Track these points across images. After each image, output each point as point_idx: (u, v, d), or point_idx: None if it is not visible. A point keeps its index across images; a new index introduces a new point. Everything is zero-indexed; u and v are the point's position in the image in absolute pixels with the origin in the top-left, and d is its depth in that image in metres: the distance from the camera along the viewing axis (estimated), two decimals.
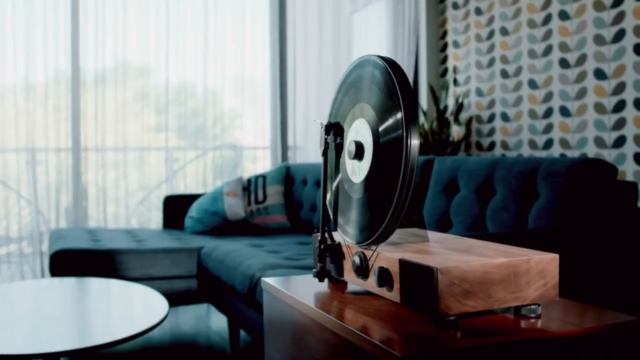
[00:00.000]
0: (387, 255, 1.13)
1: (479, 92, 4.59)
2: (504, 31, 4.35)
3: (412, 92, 1.10)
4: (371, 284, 1.19)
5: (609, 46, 3.55)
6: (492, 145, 4.44)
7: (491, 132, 4.45)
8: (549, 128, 3.95)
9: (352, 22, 5.20)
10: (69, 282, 2.89)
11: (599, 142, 3.59)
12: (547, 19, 3.97)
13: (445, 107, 4.90)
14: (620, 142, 3.47)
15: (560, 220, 2.08)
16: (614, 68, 3.51)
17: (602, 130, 3.58)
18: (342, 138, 1.31)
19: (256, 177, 4.17)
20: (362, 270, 1.20)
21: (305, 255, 2.95)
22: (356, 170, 1.23)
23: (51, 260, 3.15)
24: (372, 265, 1.18)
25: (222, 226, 3.95)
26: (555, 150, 3.89)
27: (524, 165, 2.32)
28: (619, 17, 3.48)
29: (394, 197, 1.10)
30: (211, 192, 4.07)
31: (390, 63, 1.15)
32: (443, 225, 2.64)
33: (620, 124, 3.47)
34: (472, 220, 2.47)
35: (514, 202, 2.29)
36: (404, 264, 1.07)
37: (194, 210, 4.02)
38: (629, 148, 3.42)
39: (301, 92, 5.00)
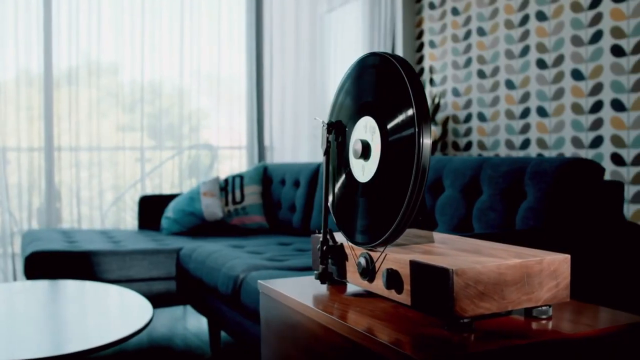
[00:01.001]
0: (396, 256, 1.11)
1: (456, 92, 4.60)
2: (481, 31, 4.36)
3: (422, 90, 1.08)
4: (378, 286, 1.17)
5: (586, 47, 3.58)
6: (468, 145, 4.46)
7: (468, 132, 4.47)
8: (526, 128, 3.97)
9: (329, 20, 5.18)
10: (45, 285, 2.82)
11: (577, 142, 3.62)
12: (525, 20, 3.99)
13: None
14: (597, 142, 3.51)
15: (548, 220, 2.08)
16: (592, 69, 3.54)
17: (579, 130, 3.61)
18: (344, 137, 1.28)
19: (233, 177, 4.12)
20: (369, 272, 1.18)
21: (288, 256, 2.92)
22: (362, 170, 1.20)
23: (26, 262, 3.07)
24: (379, 267, 1.15)
25: (199, 227, 3.90)
26: (533, 151, 3.91)
27: (510, 165, 2.32)
28: (597, 19, 3.51)
29: (403, 197, 1.08)
30: (188, 193, 4.01)
31: (399, 60, 1.13)
32: (428, 225, 2.63)
33: (597, 124, 3.51)
34: (458, 220, 2.46)
35: (501, 202, 2.29)
36: (415, 266, 1.05)
37: (170, 211, 3.96)
38: (606, 148, 3.46)
39: (277, 91, 4.96)
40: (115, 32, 4.57)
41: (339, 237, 1.34)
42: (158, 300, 3.23)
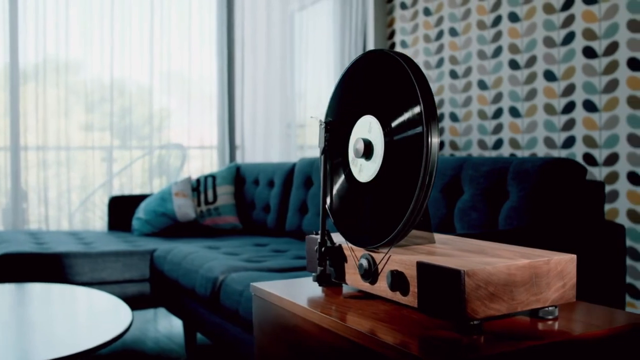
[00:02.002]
0: (401, 258, 1.09)
1: None
2: (453, 32, 4.38)
3: (429, 87, 1.06)
4: (380, 287, 1.15)
5: (558, 48, 3.62)
6: (440, 145, 4.47)
7: (440, 132, 4.48)
8: (498, 128, 4.00)
9: (300, 19, 5.15)
10: (15, 288, 2.73)
11: (549, 143, 3.66)
12: (497, 21, 4.02)
13: None
14: (569, 142, 3.54)
15: (531, 220, 2.09)
16: (564, 70, 3.58)
17: (551, 130, 3.65)
18: (343, 136, 1.26)
19: (205, 177, 4.07)
20: (371, 274, 1.16)
21: (266, 257, 2.88)
22: (363, 170, 1.18)
23: None
24: (382, 269, 1.13)
25: (171, 227, 3.84)
26: (505, 151, 3.94)
27: (492, 164, 2.32)
28: (569, 20, 3.55)
29: (408, 198, 1.06)
30: (159, 193, 3.94)
31: (403, 57, 1.11)
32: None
33: (569, 124, 3.55)
34: (439, 220, 2.46)
35: (483, 202, 2.29)
36: (423, 267, 1.03)
37: (141, 212, 3.88)
38: (579, 148, 3.50)
39: (249, 91, 4.91)
40: (83, 30, 4.47)
41: (336, 238, 1.31)
42: (132, 303, 3.17)
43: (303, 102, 5.08)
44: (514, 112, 3.88)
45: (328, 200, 1.30)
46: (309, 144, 5.12)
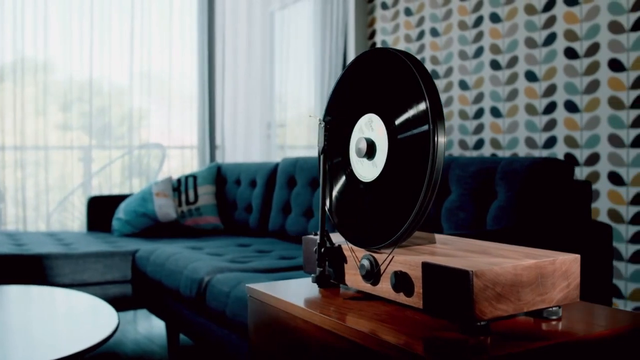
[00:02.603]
0: (405, 258, 1.08)
1: None
2: (435, 32, 4.39)
3: (434, 85, 1.05)
4: (382, 288, 1.13)
5: (540, 49, 3.64)
6: None
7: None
8: (479, 128, 4.02)
9: (281, 18, 5.13)
10: None
11: (530, 143, 3.68)
12: (479, 21, 4.04)
13: None
14: (550, 142, 3.57)
15: (520, 220, 2.09)
16: (545, 70, 3.61)
17: (533, 131, 3.67)
18: (343, 135, 1.24)
19: (186, 177, 4.03)
20: (373, 275, 1.14)
21: (250, 258, 2.86)
22: (366, 169, 1.17)
23: None
24: (385, 270, 1.12)
25: (152, 228, 3.79)
26: (486, 151, 3.96)
27: (480, 164, 2.32)
28: (550, 21, 3.57)
29: (413, 197, 1.05)
30: (139, 193, 3.89)
31: (407, 55, 1.10)
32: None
33: (550, 125, 3.57)
34: (426, 220, 2.45)
35: (471, 202, 2.29)
36: (429, 268, 1.02)
37: (121, 212, 3.83)
38: (560, 148, 3.52)
39: (229, 91, 4.88)
40: (62, 29, 4.40)
41: (335, 238, 1.30)
42: (114, 305, 3.11)
43: (284, 102, 5.06)
44: (495, 113, 3.90)
45: (327, 200, 1.29)
46: (290, 144, 5.10)
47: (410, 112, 1.07)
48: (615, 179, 3.25)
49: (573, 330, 1.00)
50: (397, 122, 1.09)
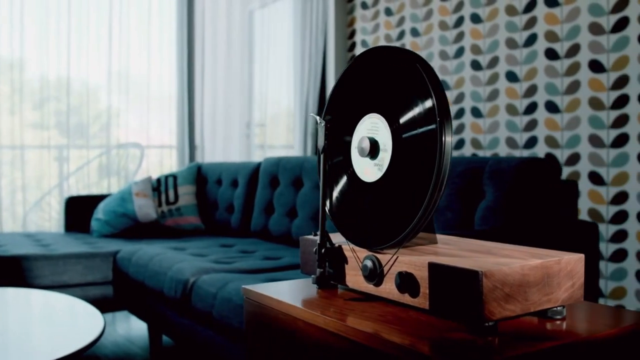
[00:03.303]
0: (410, 259, 1.07)
1: None
2: (415, 32, 4.40)
3: (440, 84, 1.04)
4: (385, 289, 1.12)
5: (521, 50, 3.66)
6: None
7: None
8: (460, 128, 4.03)
9: (261, 17, 5.09)
10: None
11: (511, 143, 3.70)
12: (459, 22, 4.05)
13: None
14: (531, 142, 3.60)
15: (508, 219, 2.10)
16: (526, 71, 3.63)
17: (513, 131, 3.70)
18: (344, 135, 1.23)
19: (166, 177, 3.98)
20: (376, 275, 1.13)
21: (234, 258, 2.83)
22: (368, 169, 1.16)
23: None
24: (389, 270, 1.11)
25: (132, 228, 3.74)
26: (467, 151, 3.98)
27: (467, 164, 2.33)
28: (531, 22, 3.60)
29: (418, 197, 1.04)
30: (119, 193, 3.84)
31: (411, 53, 1.09)
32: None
33: (531, 125, 3.60)
34: None
35: (458, 202, 2.29)
36: (436, 268, 1.01)
37: (100, 212, 3.78)
38: (540, 148, 3.55)
39: (209, 90, 4.83)
40: (39, 28, 4.32)
41: (335, 238, 1.29)
42: (95, 306, 3.07)
43: (263, 101, 5.04)
44: (476, 113, 3.92)
45: (327, 200, 1.27)
46: (269, 144, 5.07)
47: (415, 111, 1.06)
48: (595, 178, 3.28)
49: (580, 330, 1.00)
50: (402, 120, 1.08)
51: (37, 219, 4.36)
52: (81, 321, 2.12)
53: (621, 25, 3.17)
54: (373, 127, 1.15)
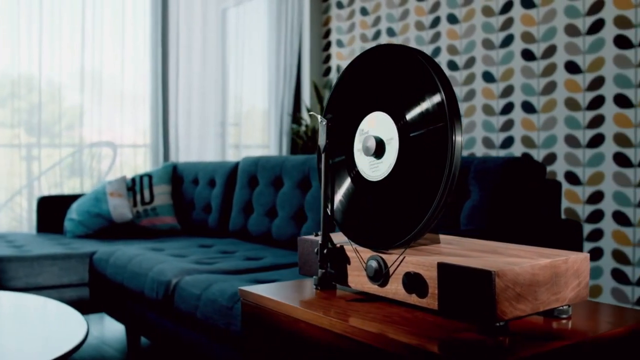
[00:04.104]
0: (417, 259, 1.06)
1: None
2: (391, 32, 4.41)
3: (449, 82, 1.03)
4: (391, 290, 1.12)
5: (497, 50, 3.70)
6: None
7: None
8: None
9: (237, 15, 5.05)
10: None
11: (488, 143, 3.73)
12: (436, 22, 4.07)
13: None
14: (508, 142, 3.63)
15: (494, 219, 2.11)
16: (502, 72, 3.66)
17: (490, 131, 3.73)
18: (348, 133, 1.22)
19: (141, 177, 3.93)
20: (382, 276, 1.12)
21: (215, 259, 2.80)
22: (373, 168, 1.14)
23: None
24: (395, 271, 1.10)
25: (106, 229, 3.68)
26: None
27: None
28: (507, 23, 3.63)
29: (426, 197, 1.03)
30: (93, 193, 3.77)
31: (418, 52, 1.08)
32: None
33: (508, 125, 3.63)
34: None
35: None
36: (446, 268, 1.00)
37: (74, 212, 3.71)
38: (517, 148, 3.59)
39: (183, 88, 4.77)
40: (10, 25, 4.22)
41: (336, 238, 1.27)
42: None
43: (238, 101, 5.00)
44: None
45: (326, 200, 1.26)
46: (245, 143, 5.04)
47: (423, 109, 1.05)
48: (571, 178, 3.33)
49: (589, 329, 1.00)
50: (409, 118, 1.08)
51: (7, 220, 4.26)
52: (63, 325, 2.07)
53: (597, 27, 3.22)
54: (379, 124, 1.14)
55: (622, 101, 3.11)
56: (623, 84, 3.11)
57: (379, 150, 1.12)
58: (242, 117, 5.03)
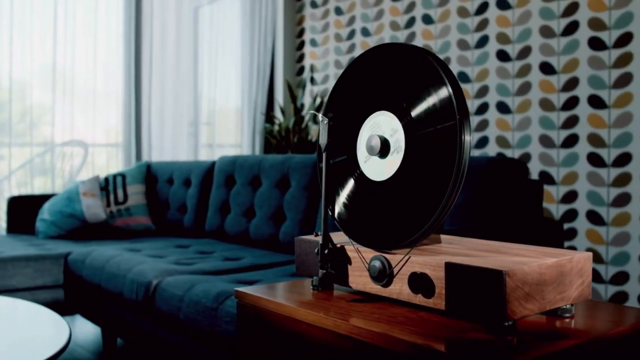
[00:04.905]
0: (424, 259, 1.06)
1: None
2: (366, 32, 4.42)
3: (457, 81, 1.04)
4: (395, 290, 1.11)
5: (472, 51, 3.73)
6: None
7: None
8: None
9: (210, 14, 5.00)
10: None
11: None
12: (411, 22, 4.09)
13: (302, 106, 4.89)
14: (482, 142, 3.66)
15: (477, 219, 2.13)
16: (477, 72, 3.69)
17: None
18: (350, 132, 1.21)
19: (114, 176, 3.87)
20: (386, 276, 1.12)
21: (194, 259, 2.77)
22: (377, 168, 1.14)
23: None
24: (399, 271, 1.10)
25: (79, 229, 3.61)
26: None
27: None
28: (483, 24, 3.66)
29: (434, 197, 1.03)
30: (65, 192, 3.70)
31: (425, 51, 1.08)
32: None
33: (482, 125, 3.66)
34: None
35: None
36: (454, 268, 1.00)
37: (46, 213, 3.63)
38: (491, 148, 3.62)
39: (157, 87, 4.71)
40: None
41: (335, 238, 1.26)
42: None
43: (212, 99, 4.96)
44: None
45: (327, 200, 1.25)
46: (218, 143, 5.00)
47: (429, 109, 1.05)
48: (546, 178, 3.37)
49: (595, 328, 1.01)
50: (414, 118, 1.07)
51: None
52: (44, 328, 2.02)
53: (571, 28, 3.26)
54: (384, 124, 1.13)
55: (595, 102, 3.17)
56: (597, 85, 3.16)
57: (384, 149, 1.12)
58: (215, 116, 4.99)
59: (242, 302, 1.31)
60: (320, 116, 1.22)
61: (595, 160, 3.17)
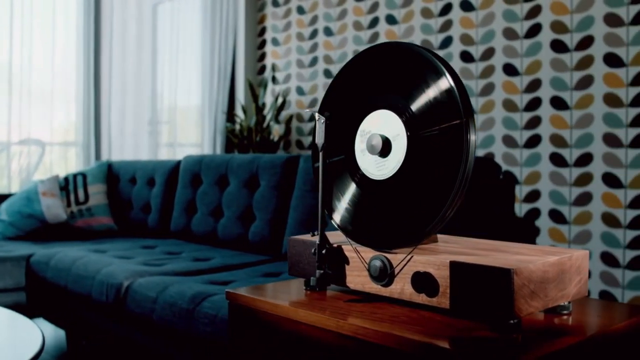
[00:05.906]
0: (426, 258, 1.06)
1: (300, 91, 4.62)
2: (328, 31, 4.42)
3: (461, 81, 1.04)
4: (398, 289, 1.11)
5: (436, 52, 3.76)
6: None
7: (312, 130, 4.51)
8: None
9: (170, 12, 4.93)
10: None
11: None
12: (374, 22, 4.11)
13: (264, 105, 4.87)
14: None
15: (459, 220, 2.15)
16: None
17: None
18: (348, 131, 1.21)
19: (75, 175, 3.78)
20: (387, 275, 1.12)
21: (163, 260, 2.73)
22: (377, 167, 1.14)
23: None
24: (401, 270, 1.10)
25: (39, 230, 3.52)
26: None
27: None
28: (447, 25, 3.71)
29: (438, 196, 1.03)
30: (24, 192, 3.60)
31: (426, 49, 1.08)
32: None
33: None
34: None
35: None
36: (460, 267, 1.01)
37: (4, 213, 3.53)
38: None
39: (117, 85, 4.62)
40: None
41: (332, 238, 1.26)
42: None
43: (172, 98, 4.89)
44: None
45: (324, 200, 1.24)
46: (179, 142, 4.94)
47: (430, 99, 1.06)
48: (509, 177, 3.43)
49: (595, 324, 1.03)
50: (416, 117, 1.08)
51: None
52: (15, 333, 1.96)
53: (534, 31, 3.33)
54: (384, 123, 1.13)
55: (558, 103, 3.23)
56: (559, 86, 3.23)
57: (385, 148, 1.12)
58: (176, 115, 4.93)
59: (234, 303, 1.29)
60: (317, 115, 1.21)
61: (557, 160, 3.24)
